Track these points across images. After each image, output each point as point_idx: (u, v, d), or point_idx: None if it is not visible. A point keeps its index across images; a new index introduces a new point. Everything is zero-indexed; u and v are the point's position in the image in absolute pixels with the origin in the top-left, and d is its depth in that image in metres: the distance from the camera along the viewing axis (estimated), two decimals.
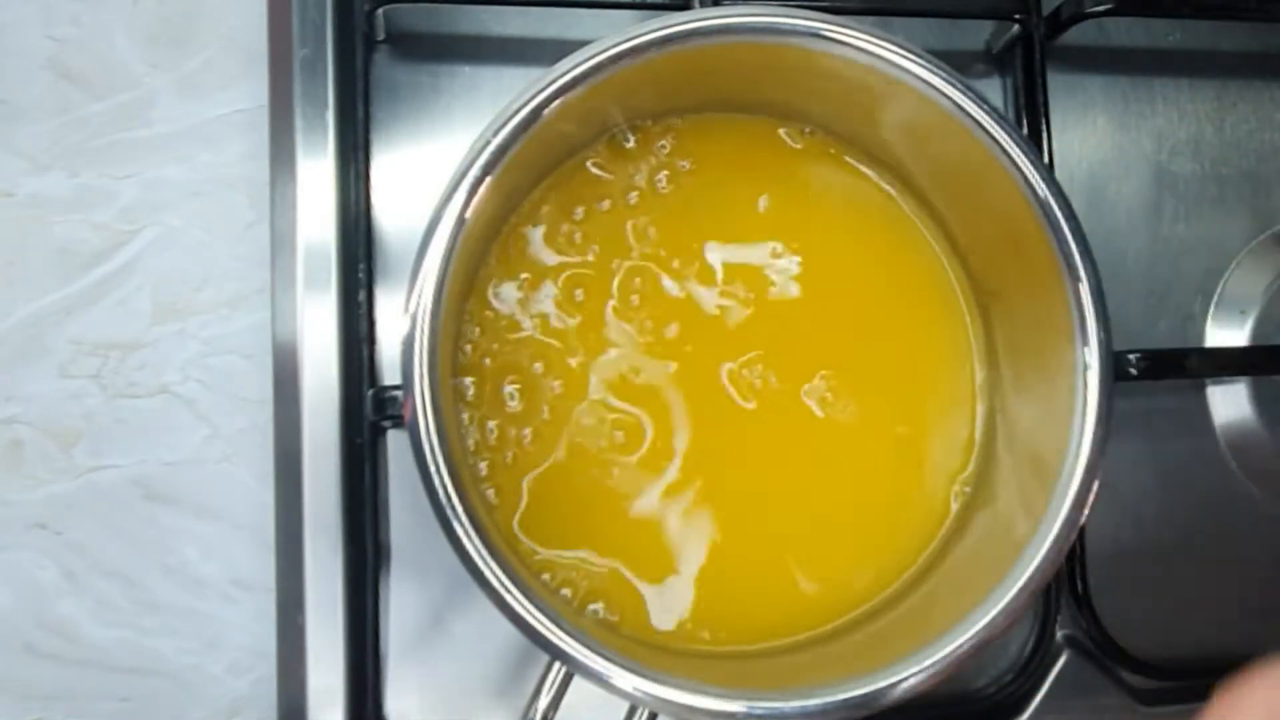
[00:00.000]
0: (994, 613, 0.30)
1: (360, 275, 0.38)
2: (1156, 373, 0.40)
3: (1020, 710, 0.40)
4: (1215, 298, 0.44)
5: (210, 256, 0.40)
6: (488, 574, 0.29)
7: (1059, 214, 0.32)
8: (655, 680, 0.29)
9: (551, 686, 0.31)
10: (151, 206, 0.40)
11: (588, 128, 0.35)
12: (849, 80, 0.33)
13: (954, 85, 0.32)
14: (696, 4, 0.39)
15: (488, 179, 0.30)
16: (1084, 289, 0.32)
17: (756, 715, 0.29)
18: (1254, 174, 0.45)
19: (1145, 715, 0.40)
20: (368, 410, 0.37)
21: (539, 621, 0.29)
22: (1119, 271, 0.44)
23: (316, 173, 0.38)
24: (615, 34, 0.31)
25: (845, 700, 0.29)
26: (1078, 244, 0.32)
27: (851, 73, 0.33)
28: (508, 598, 0.29)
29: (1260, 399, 0.43)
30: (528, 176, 0.35)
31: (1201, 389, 0.44)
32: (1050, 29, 0.42)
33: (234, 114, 0.41)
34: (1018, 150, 0.32)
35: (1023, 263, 0.34)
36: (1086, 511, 0.31)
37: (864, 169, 0.38)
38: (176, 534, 0.39)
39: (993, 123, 0.32)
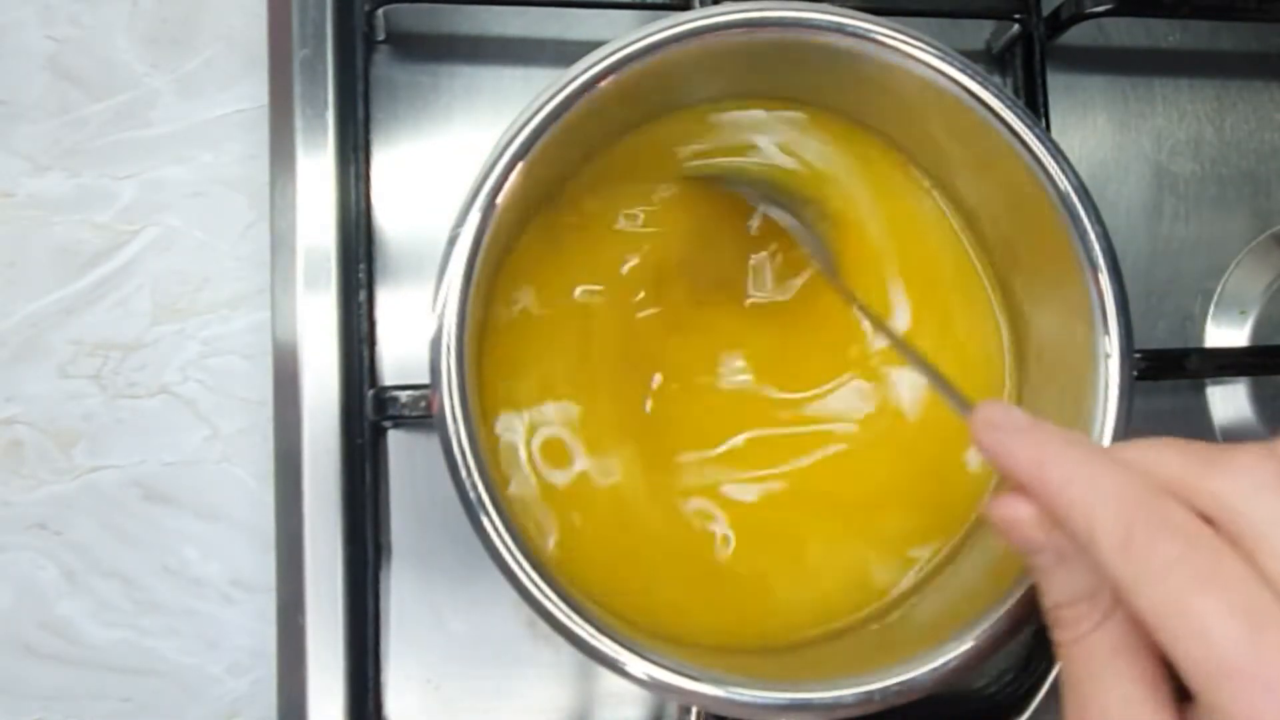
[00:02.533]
0: (1010, 603, 0.30)
1: (360, 275, 0.38)
2: (1156, 373, 0.40)
3: (1020, 710, 0.39)
4: (1215, 298, 0.44)
5: (210, 256, 0.40)
6: (516, 569, 0.29)
7: (1077, 203, 0.32)
8: (689, 676, 0.29)
9: None
10: (151, 206, 0.40)
11: (614, 121, 0.35)
12: (868, 74, 0.33)
13: (970, 76, 0.32)
14: (696, 3, 0.39)
15: (519, 165, 0.30)
16: (1104, 278, 0.32)
17: (778, 705, 0.29)
18: (1254, 174, 0.45)
19: None
20: (368, 410, 0.37)
21: (569, 618, 0.29)
22: None
23: (316, 173, 0.38)
24: (643, 28, 0.31)
25: (869, 691, 0.30)
26: (1097, 234, 0.32)
27: (872, 68, 0.33)
28: (537, 594, 0.29)
29: (1260, 399, 0.43)
30: (548, 170, 0.35)
31: (1201, 389, 0.44)
32: (1050, 29, 0.42)
33: (234, 114, 0.41)
34: (1038, 142, 0.32)
35: (1044, 256, 0.34)
36: None
37: (905, 165, 0.38)
38: (176, 534, 0.39)
39: (1011, 114, 0.32)
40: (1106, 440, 0.31)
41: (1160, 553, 0.21)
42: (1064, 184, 0.32)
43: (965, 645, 0.30)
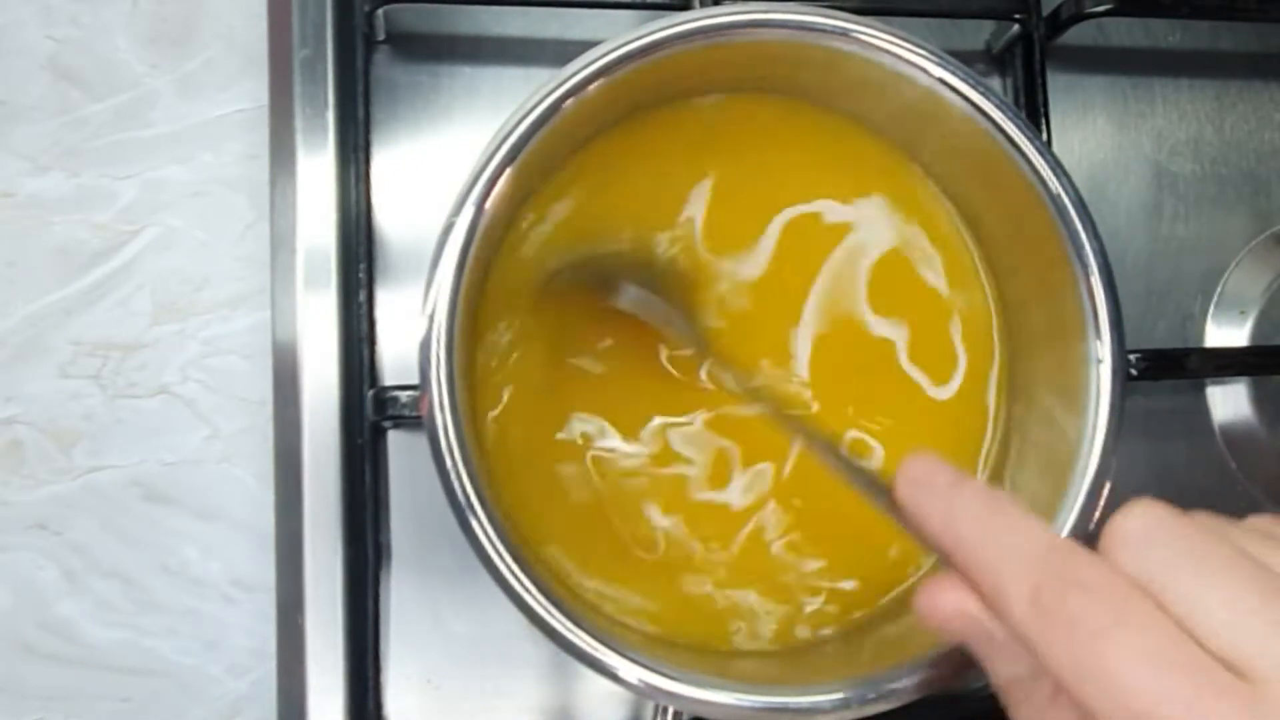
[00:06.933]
0: None
1: (360, 275, 0.38)
2: (1156, 373, 0.40)
3: None
4: (1215, 298, 0.44)
5: (210, 256, 0.40)
6: (504, 570, 0.29)
7: (1070, 207, 0.32)
8: (666, 676, 0.29)
9: None
10: (151, 206, 0.40)
11: (601, 124, 0.35)
12: (857, 77, 0.33)
13: (964, 80, 0.32)
14: (696, 4, 0.39)
15: (507, 171, 0.30)
16: (1095, 281, 0.32)
17: (754, 708, 0.29)
18: (1254, 174, 0.45)
19: None
20: (368, 410, 0.37)
21: (555, 619, 0.29)
22: (1119, 271, 0.43)
23: (316, 173, 0.38)
24: (634, 30, 0.31)
25: (846, 698, 0.30)
26: (1088, 236, 0.32)
27: (860, 70, 0.33)
28: (525, 595, 0.29)
29: (1260, 399, 0.43)
30: (541, 172, 0.35)
31: (1201, 389, 0.44)
32: (1050, 29, 0.42)
33: (234, 114, 0.41)
34: (1030, 145, 0.32)
35: (1038, 259, 0.34)
36: (1098, 514, 0.31)
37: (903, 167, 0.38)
38: (176, 534, 0.39)
39: (1005, 118, 0.32)
40: (1098, 445, 0.31)
41: (1066, 606, 0.20)
42: (1056, 187, 0.32)
43: (945, 655, 0.30)
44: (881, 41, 0.32)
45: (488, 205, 0.30)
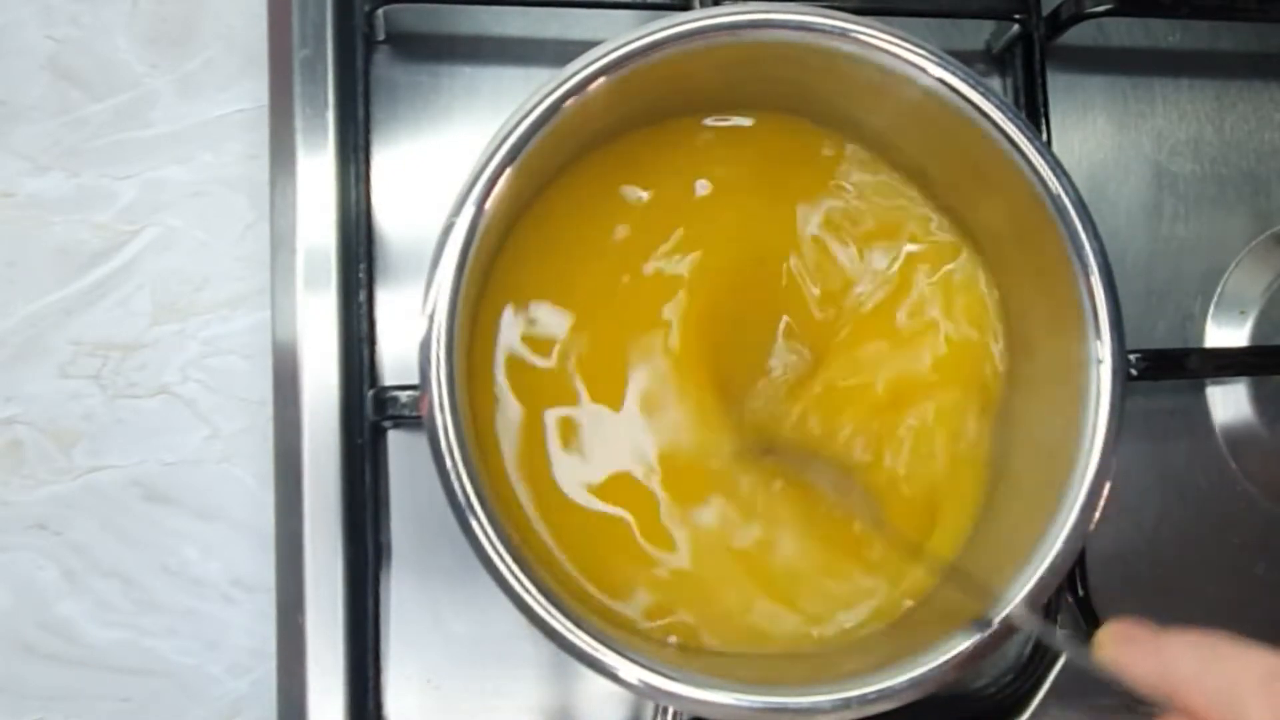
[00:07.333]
0: (1004, 614, 0.30)
1: (360, 275, 0.38)
2: (1156, 373, 0.40)
3: (1020, 710, 0.39)
4: (1215, 298, 0.44)
5: (210, 256, 0.40)
6: (504, 571, 0.29)
7: (1070, 207, 0.32)
8: (666, 676, 0.29)
9: None
10: (151, 206, 0.40)
11: (602, 124, 0.35)
12: (858, 77, 0.33)
13: (964, 80, 0.32)
14: (697, 4, 0.39)
15: (507, 171, 0.30)
16: (1095, 281, 0.32)
17: (754, 708, 0.29)
18: (1254, 174, 0.45)
19: (1145, 715, 0.40)
20: (368, 410, 0.37)
21: (555, 619, 0.29)
22: (1119, 271, 0.43)
23: (316, 173, 0.38)
24: (634, 30, 0.31)
25: (846, 699, 0.30)
26: (1088, 236, 0.32)
27: (860, 71, 0.33)
28: (525, 596, 0.29)
29: (1260, 399, 0.43)
30: (541, 173, 0.35)
31: (1201, 389, 0.44)
32: (1050, 29, 0.42)
33: (234, 114, 0.41)
34: (1029, 145, 0.32)
35: (1036, 259, 0.34)
36: (1098, 514, 0.31)
37: (883, 169, 0.38)
38: (176, 534, 0.39)
39: (1004, 118, 0.32)
40: (1098, 445, 0.31)
41: None
42: (1056, 187, 0.32)
43: (946, 656, 0.30)
44: (881, 41, 0.32)
45: (488, 205, 0.30)
